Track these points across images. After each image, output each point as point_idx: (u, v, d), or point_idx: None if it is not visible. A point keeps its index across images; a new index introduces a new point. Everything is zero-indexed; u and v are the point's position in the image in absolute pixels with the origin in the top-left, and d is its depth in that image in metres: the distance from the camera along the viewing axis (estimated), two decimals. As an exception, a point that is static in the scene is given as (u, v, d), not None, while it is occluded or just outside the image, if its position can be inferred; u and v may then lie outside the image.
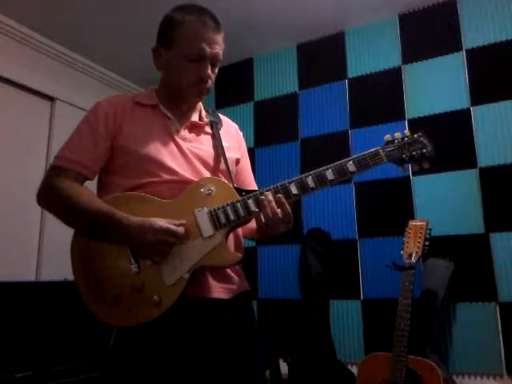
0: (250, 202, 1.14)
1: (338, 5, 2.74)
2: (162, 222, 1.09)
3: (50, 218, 1.21)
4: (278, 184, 1.16)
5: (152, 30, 1.31)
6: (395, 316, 1.94)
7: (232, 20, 2.76)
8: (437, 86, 2.65)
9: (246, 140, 1.49)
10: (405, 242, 2.09)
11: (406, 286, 1.96)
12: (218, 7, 1.28)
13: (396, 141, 1.20)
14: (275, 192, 1.15)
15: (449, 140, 2.51)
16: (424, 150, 1.19)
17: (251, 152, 3.08)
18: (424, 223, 2.09)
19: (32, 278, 2.74)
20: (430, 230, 2.10)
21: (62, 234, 1.29)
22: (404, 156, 1.19)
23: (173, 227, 1.09)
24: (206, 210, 1.13)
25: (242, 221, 1.14)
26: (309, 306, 2.50)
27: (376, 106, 2.79)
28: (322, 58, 3.06)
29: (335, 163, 1.17)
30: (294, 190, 1.15)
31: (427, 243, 2.06)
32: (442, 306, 2.25)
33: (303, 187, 1.15)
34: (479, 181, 2.44)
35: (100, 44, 3.04)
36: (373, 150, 1.18)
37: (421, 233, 2.07)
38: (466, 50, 2.61)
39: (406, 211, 2.55)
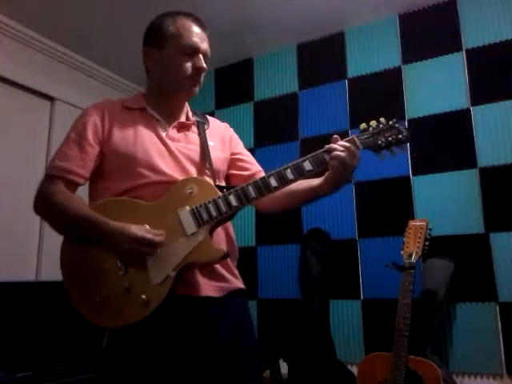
0: (231, 197, 1.16)
1: (337, 5, 2.73)
2: (138, 231, 1.10)
3: (50, 218, 1.21)
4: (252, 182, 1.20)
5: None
6: (395, 316, 1.94)
7: (232, 20, 2.76)
8: (437, 86, 2.64)
9: (246, 140, 1.50)
10: (405, 242, 2.09)
11: (406, 286, 1.96)
12: (218, 7, 1.29)
13: (371, 128, 1.21)
14: (255, 185, 1.18)
15: (449, 140, 2.50)
16: (400, 136, 1.20)
17: (251, 152, 3.05)
18: (424, 223, 2.10)
19: (32, 278, 2.73)
20: (430, 230, 2.10)
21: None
22: (380, 142, 1.19)
23: (149, 236, 1.10)
24: (187, 208, 1.15)
25: (224, 216, 1.16)
26: (309, 306, 2.50)
27: (376, 106, 2.79)
28: (321, 58, 3.06)
29: (310, 155, 1.21)
30: (274, 183, 1.21)
31: (427, 243, 2.06)
32: (441, 306, 2.25)
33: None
34: (479, 181, 2.43)
35: (100, 44, 3.04)
36: (348, 138, 1.19)
37: (421, 233, 2.07)
38: (466, 50, 2.61)
39: (406, 211, 2.55)
